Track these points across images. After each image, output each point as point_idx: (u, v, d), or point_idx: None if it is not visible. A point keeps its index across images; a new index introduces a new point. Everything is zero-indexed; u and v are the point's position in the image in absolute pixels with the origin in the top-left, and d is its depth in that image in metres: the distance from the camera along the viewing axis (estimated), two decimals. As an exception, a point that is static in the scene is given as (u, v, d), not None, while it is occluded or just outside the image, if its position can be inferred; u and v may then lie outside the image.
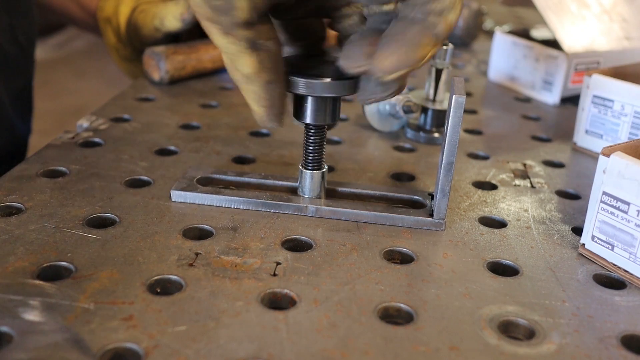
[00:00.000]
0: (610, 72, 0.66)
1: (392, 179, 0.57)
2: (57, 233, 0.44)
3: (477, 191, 0.55)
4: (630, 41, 0.86)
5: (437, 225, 0.48)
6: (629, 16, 0.89)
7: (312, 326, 0.36)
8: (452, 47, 0.66)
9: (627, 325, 0.38)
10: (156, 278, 0.39)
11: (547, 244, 0.47)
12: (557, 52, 0.81)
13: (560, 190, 0.57)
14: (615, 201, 0.42)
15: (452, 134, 0.44)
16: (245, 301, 0.38)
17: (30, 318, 0.35)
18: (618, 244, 0.43)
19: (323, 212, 0.48)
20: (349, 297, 0.39)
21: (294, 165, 0.58)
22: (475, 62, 1.03)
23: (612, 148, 0.44)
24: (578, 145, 0.68)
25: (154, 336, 0.34)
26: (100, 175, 0.53)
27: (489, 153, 0.64)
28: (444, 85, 0.67)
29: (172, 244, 0.43)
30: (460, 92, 0.44)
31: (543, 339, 0.36)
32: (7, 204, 0.47)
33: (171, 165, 0.56)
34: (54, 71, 3.02)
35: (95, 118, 0.66)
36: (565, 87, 0.82)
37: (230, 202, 0.49)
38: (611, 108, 0.64)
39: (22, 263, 0.40)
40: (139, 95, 0.75)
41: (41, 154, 0.56)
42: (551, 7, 0.82)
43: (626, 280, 0.43)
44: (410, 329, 0.36)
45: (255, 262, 0.42)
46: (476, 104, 0.82)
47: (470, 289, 0.40)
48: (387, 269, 0.42)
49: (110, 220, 0.46)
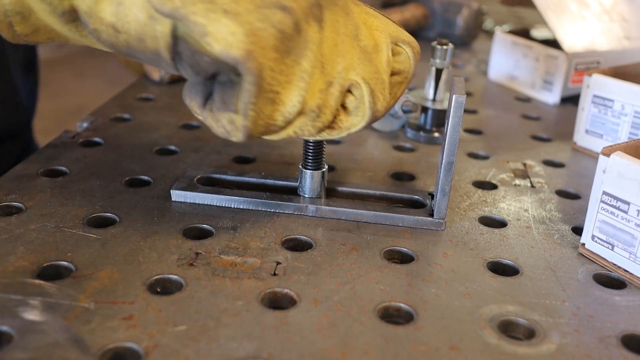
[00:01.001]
0: (610, 71, 0.66)
1: (392, 178, 0.57)
2: (57, 232, 0.44)
3: (477, 191, 0.55)
4: (630, 41, 0.86)
5: (437, 225, 0.48)
6: (629, 16, 0.89)
7: (312, 326, 0.36)
8: (452, 46, 0.66)
9: (627, 325, 0.38)
10: (156, 277, 0.39)
11: (547, 244, 0.47)
12: (557, 52, 0.81)
13: (560, 190, 0.57)
14: (615, 201, 0.42)
15: (452, 134, 0.44)
16: (245, 301, 0.38)
17: (31, 317, 0.35)
18: (618, 243, 0.43)
19: (323, 212, 0.48)
20: (349, 297, 0.39)
21: (294, 164, 0.58)
22: (475, 61, 1.03)
23: (612, 148, 0.43)
24: (578, 145, 0.68)
25: (154, 336, 0.34)
26: (100, 175, 0.53)
27: (489, 153, 0.64)
28: (444, 85, 0.67)
29: (172, 243, 0.43)
30: (461, 92, 0.44)
31: (543, 339, 0.36)
32: (8, 203, 0.47)
33: (171, 165, 0.56)
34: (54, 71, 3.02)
35: (95, 118, 0.66)
36: (565, 86, 0.82)
37: (231, 201, 0.49)
38: (611, 108, 0.64)
39: (22, 262, 0.40)
40: (139, 95, 0.75)
41: (41, 154, 0.56)
42: (551, 7, 0.82)
43: (626, 280, 0.43)
44: (410, 328, 0.36)
45: (256, 262, 0.42)
46: (476, 104, 0.82)
47: (470, 289, 0.40)
48: (387, 268, 0.42)
49: (110, 220, 0.46)
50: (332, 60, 0.41)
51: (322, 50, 0.40)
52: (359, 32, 0.43)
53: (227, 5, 0.36)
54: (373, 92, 0.43)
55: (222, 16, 0.35)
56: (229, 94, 0.38)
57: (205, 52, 0.37)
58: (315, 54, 0.39)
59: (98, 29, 0.39)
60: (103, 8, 0.38)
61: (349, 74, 0.42)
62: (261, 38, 0.36)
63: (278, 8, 0.37)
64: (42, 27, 0.41)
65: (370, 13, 0.45)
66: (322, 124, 0.42)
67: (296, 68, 0.39)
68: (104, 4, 0.38)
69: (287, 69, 0.38)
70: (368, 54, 0.43)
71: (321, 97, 0.41)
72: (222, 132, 0.40)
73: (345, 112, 0.43)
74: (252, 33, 0.36)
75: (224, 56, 0.36)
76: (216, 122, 0.40)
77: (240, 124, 0.38)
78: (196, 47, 0.37)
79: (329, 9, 0.41)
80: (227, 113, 0.39)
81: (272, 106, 0.38)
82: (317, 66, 0.40)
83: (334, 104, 0.42)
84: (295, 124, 0.41)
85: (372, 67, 0.43)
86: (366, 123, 0.44)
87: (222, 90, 0.39)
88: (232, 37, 0.35)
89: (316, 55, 0.40)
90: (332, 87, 0.41)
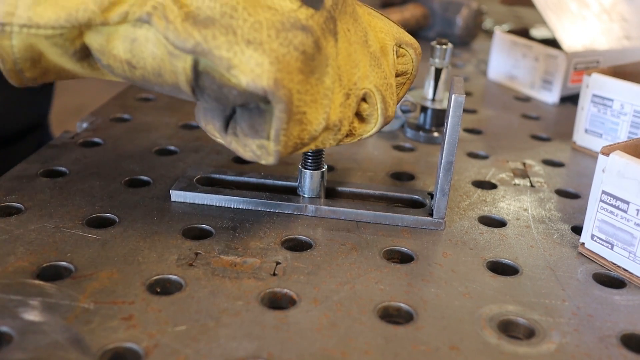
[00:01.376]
0: (609, 71, 0.66)
1: (391, 178, 0.57)
2: (57, 233, 0.44)
3: (476, 190, 0.55)
4: (630, 40, 0.86)
5: (436, 225, 0.48)
6: (628, 15, 0.89)
7: (312, 326, 0.36)
8: (452, 46, 0.66)
9: (627, 324, 0.38)
10: (156, 278, 0.39)
11: (546, 243, 0.47)
12: (556, 52, 0.81)
13: (559, 189, 0.57)
14: (615, 200, 0.42)
15: (452, 134, 0.44)
16: (245, 301, 0.38)
17: (30, 318, 0.35)
18: (617, 243, 0.43)
19: (323, 212, 0.48)
20: (348, 297, 0.39)
21: (293, 164, 0.58)
22: (474, 61, 1.03)
23: (611, 147, 0.44)
24: (577, 144, 0.68)
25: (154, 336, 0.34)
26: (100, 175, 0.53)
27: (488, 152, 0.64)
28: (444, 84, 0.67)
29: (171, 243, 0.43)
30: (460, 92, 0.44)
31: (543, 338, 0.36)
32: (7, 204, 0.47)
33: (171, 165, 0.56)
34: (53, 71, 3.02)
35: (95, 118, 0.66)
36: (564, 86, 0.82)
37: (230, 201, 0.49)
38: (611, 107, 0.64)
39: (22, 263, 0.40)
40: (139, 95, 0.75)
41: (41, 154, 0.56)
42: (551, 7, 0.82)
43: (626, 279, 0.43)
44: (410, 328, 0.36)
45: (255, 262, 0.42)
46: (476, 104, 0.82)
47: (470, 289, 0.40)
48: (387, 268, 0.42)
49: (110, 220, 0.46)
50: (348, 71, 0.41)
51: (338, 62, 0.40)
52: (367, 38, 0.43)
53: (249, 35, 0.35)
54: (384, 99, 0.43)
55: (246, 47, 0.35)
56: (259, 121, 0.38)
57: (232, 85, 0.36)
58: (334, 68, 0.40)
59: (112, 65, 0.38)
60: (116, 45, 0.37)
61: (363, 84, 0.42)
62: (287, 63, 0.36)
63: (298, 29, 0.37)
64: (52, 67, 0.40)
65: (373, 14, 0.45)
66: (342, 136, 0.42)
67: (320, 86, 0.39)
68: (117, 41, 0.37)
69: (312, 89, 0.38)
70: (377, 59, 0.43)
71: (341, 111, 0.41)
72: (251, 156, 0.39)
73: (359, 119, 0.44)
74: (278, 60, 0.35)
75: (253, 88, 0.35)
76: (243, 147, 0.39)
77: (272, 149, 0.38)
78: (222, 81, 0.36)
79: (340, 20, 0.41)
80: (257, 139, 0.38)
81: (300, 127, 0.38)
82: (336, 80, 0.40)
83: (351, 114, 0.42)
84: (319, 139, 0.41)
85: (381, 72, 0.43)
86: (378, 129, 0.44)
87: (250, 117, 0.38)
88: (259, 68, 0.35)
89: (335, 70, 0.40)
90: (350, 98, 0.41)
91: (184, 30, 0.35)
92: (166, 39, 0.36)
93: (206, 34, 0.35)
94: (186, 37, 0.35)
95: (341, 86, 0.40)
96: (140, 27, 0.36)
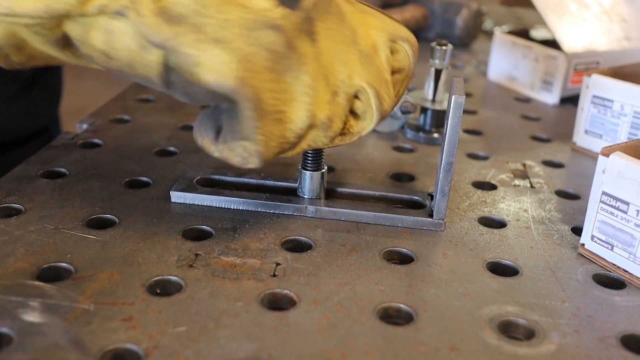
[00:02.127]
0: (609, 72, 0.66)
1: (391, 179, 0.57)
2: (56, 234, 0.44)
3: (476, 191, 0.55)
4: (629, 41, 0.86)
5: (436, 226, 0.48)
6: (628, 16, 0.89)
7: (312, 326, 0.36)
8: (452, 47, 0.66)
9: (627, 325, 0.38)
10: (156, 279, 0.39)
11: (546, 244, 0.47)
12: (556, 52, 0.81)
13: (559, 190, 0.57)
14: (615, 201, 0.42)
15: (452, 134, 0.44)
16: (245, 302, 0.38)
17: (30, 319, 0.35)
18: (617, 243, 0.43)
19: (323, 213, 0.48)
20: (348, 298, 0.39)
21: (293, 165, 0.58)
22: (474, 62, 1.03)
23: (611, 148, 0.44)
24: (577, 145, 0.68)
25: (154, 337, 0.34)
26: (100, 176, 0.53)
27: (488, 153, 0.64)
28: (444, 85, 0.67)
29: (171, 244, 0.43)
30: (460, 93, 0.44)
31: (543, 339, 0.36)
32: (7, 205, 0.47)
33: (171, 166, 0.56)
34: (53, 72, 3.02)
35: (95, 119, 0.66)
36: (564, 87, 0.82)
37: (230, 202, 0.49)
38: (610, 108, 0.64)
39: (22, 264, 0.40)
40: (139, 95, 0.75)
41: (41, 155, 0.56)
42: (551, 8, 0.82)
43: (626, 280, 0.43)
44: (410, 329, 0.36)
45: (255, 263, 0.42)
46: (476, 104, 0.82)
47: (470, 289, 0.40)
48: (386, 269, 0.42)
49: (110, 221, 0.46)
50: (334, 70, 0.41)
51: (322, 62, 0.40)
52: (356, 36, 0.43)
53: (217, 33, 0.35)
54: (379, 94, 0.43)
55: (213, 46, 0.35)
56: (235, 122, 0.38)
57: (198, 82, 0.36)
58: (314, 67, 0.40)
59: (91, 54, 0.39)
60: (94, 36, 0.37)
61: (353, 81, 0.42)
62: (253, 63, 0.36)
63: (269, 28, 0.37)
64: (38, 54, 0.41)
65: (366, 11, 0.45)
66: (334, 133, 0.42)
67: (297, 84, 0.39)
68: (95, 32, 0.37)
69: (288, 87, 0.38)
70: (368, 56, 0.43)
71: (330, 108, 0.41)
72: (239, 160, 0.39)
73: (354, 117, 0.44)
74: (244, 59, 0.36)
75: (217, 86, 0.35)
76: (231, 152, 0.39)
77: (252, 149, 0.38)
78: (189, 78, 0.37)
79: (321, 20, 0.41)
80: (239, 141, 0.39)
81: (281, 125, 0.38)
82: (320, 79, 0.40)
83: (343, 112, 0.42)
84: (308, 138, 0.41)
85: (374, 68, 0.43)
86: (375, 124, 0.44)
87: (229, 120, 0.39)
88: (224, 66, 0.35)
89: (315, 69, 0.40)
90: (338, 96, 0.41)
91: (156, 24, 0.35)
92: (139, 31, 0.36)
93: (177, 31, 0.35)
94: (156, 32, 0.35)
95: (327, 84, 0.41)
96: (118, 20, 0.36)
